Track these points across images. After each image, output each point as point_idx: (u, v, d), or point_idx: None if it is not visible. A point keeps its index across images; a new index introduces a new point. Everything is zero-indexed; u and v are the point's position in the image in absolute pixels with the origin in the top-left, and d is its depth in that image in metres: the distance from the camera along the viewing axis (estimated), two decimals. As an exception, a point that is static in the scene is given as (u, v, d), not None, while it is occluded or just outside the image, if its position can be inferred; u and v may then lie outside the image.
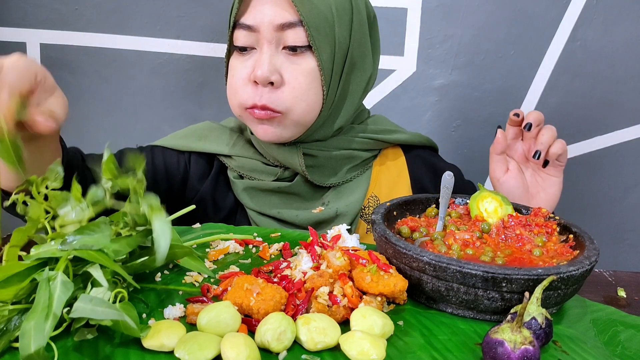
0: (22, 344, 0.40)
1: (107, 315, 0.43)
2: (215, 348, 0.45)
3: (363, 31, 0.84)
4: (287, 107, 0.79)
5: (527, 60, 1.34)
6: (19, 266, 0.46)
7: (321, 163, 0.88)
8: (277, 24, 0.77)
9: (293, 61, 0.79)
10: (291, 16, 0.77)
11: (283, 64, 0.79)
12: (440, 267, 0.53)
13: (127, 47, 1.34)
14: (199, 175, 0.91)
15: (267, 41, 0.78)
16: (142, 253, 0.55)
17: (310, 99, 0.81)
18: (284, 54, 0.79)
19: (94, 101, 1.38)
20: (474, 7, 1.31)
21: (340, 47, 0.81)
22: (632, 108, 1.37)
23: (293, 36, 0.77)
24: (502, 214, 0.69)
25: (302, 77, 0.79)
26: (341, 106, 0.86)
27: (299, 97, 0.79)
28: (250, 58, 0.80)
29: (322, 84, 0.81)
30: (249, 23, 0.78)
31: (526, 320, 0.49)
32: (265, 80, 0.77)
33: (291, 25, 0.77)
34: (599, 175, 1.42)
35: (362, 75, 0.87)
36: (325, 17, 0.78)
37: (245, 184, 0.88)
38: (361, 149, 0.91)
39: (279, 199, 0.88)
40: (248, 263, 0.65)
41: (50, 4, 1.30)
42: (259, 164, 0.89)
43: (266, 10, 0.77)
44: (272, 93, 0.79)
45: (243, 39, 0.79)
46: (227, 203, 0.91)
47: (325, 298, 0.53)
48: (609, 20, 1.30)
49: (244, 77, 0.80)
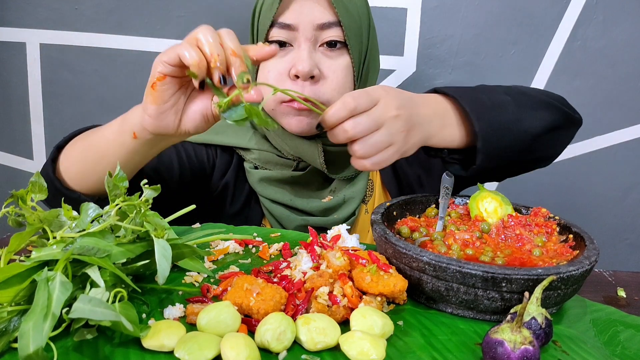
0: (21, 345, 0.40)
1: (105, 316, 0.43)
2: (215, 348, 0.45)
3: (373, 35, 0.92)
4: (326, 99, 0.85)
5: (527, 60, 1.34)
6: (18, 268, 0.46)
7: (336, 158, 0.93)
8: (318, 23, 0.83)
9: (330, 57, 0.86)
10: (330, 16, 0.83)
11: (321, 60, 0.85)
12: (440, 267, 0.53)
13: (127, 47, 1.33)
14: (223, 168, 0.96)
15: (307, 39, 0.83)
16: (142, 256, 0.55)
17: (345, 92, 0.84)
18: (321, 51, 0.85)
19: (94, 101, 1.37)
20: (474, 7, 1.31)
21: (364, 47, 0.89)
22: (632, 108, 1.37)
23: (330, 34, 0.84)
24: (501, 214, 0.69)
25: (339, 72, 0.86)
26: None
27: (337, 89, 0.86)
28: (286, 54, 0.85)
29: (353, 80, 0.88)
30: (290, 22, 0.83)
31: (526, 320, 0.49)
32: (307, 74, 0.82)
33: (330, 25, 0.83)
34: (599, 175, 1.42)
35: (374, 75, 0.94)
36: (355, 19, 0.86)
37: (261, 174, 0.93)
38: None
39: (291, 188, 0.94)
40: (248, 263, 0.65)
41: (50, 4, 1.30)
42: (274, 156, 0.93)
43: (306, 10, 0.83)
44: (312, 86, 0.84)
45: (281, 37, 0.84)
46: (244, 193, 0.96)
47: (325, 298, 0.52)
48: (609, 20, 1.30)
49: (283, 73, 0.84)
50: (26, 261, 0.48)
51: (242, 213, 0.96)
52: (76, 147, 0.76)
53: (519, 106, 0.77)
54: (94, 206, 0.55)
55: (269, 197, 0.93)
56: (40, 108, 1.38)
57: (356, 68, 0.88)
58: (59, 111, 1.38)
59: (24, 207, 0.54)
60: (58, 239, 0.52)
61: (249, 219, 0.95)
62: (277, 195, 0.92)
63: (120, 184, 0.57)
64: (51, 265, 0.48)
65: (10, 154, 1.41)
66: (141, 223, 0.55)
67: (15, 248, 0.51)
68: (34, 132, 1.39)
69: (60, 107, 1.37)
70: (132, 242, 0.55)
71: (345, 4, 0.84)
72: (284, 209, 0.92)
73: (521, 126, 0.75)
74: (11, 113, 1.39)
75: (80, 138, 0.77)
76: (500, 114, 0.74)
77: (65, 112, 1.38)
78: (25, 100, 1.37)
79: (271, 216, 0.93)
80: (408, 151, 0.69)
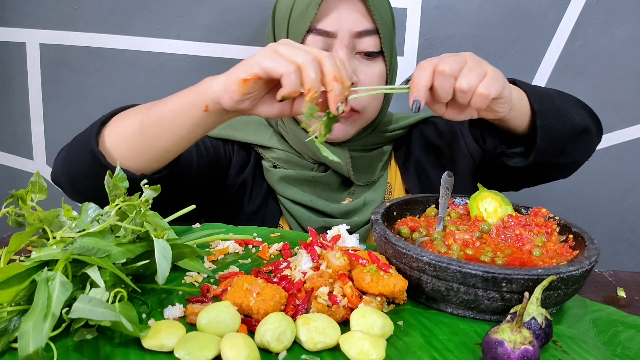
0: (21, 345, 0.40)
1: (105, 316, 0.43)
2: (215, 348, 0.45)
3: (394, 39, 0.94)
4: (363, 106, 0.87)
5: (527, 60, 1.34)
6: (18, 267, 0.46)
7: (361, 163, 0.94)
8: (356, 31, 0.83)
9: (367, 64, 0.86)
10: (368, 24, 0.84)
11: (358, 67, 0.85)
12: (440, 267, 0.53)
13: (127, 47, 1.33)
14: (239, 165, 0.95)
15: (344, 46, 0.83)
16: (142, 256, 0.55)
17: (379, 100, 0.91)
18: (358, 58, 0.86)
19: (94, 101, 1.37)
20: (474, 7, 1.31)
21: (394, 53, 0.91)
22: (632, 108, 1.37)
23: (368, 42, 0.84)
24: (501, 214, 0.69)
25: (376, 79, 0.87)
26: (386, 105, 0.95)
27: (373, 97, 0.88)
28: None
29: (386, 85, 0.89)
30: (328, 29, 0.83)
31: (526, 320, 0.49)
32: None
33: (368, 33, 0.84)
34: (599, 175, 1.42)
35: (394, 78, 0.95)
36: (388, 27, 0.87)
37: (281, 173, 0.93)
38: (385, 143, 0.98)
39: (310, 189, 0.93)
40: (248, 263, 0.65)
41: (50, 4, 1.30)
42: (294, 157, 0.94)
43: (346, 17, 0.82)
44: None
45: (318, 44, 0.84)
46: (261, 192, 0.95)
47: (325, 298, 0.52)
48: (609, 20, 1.30)
49: None
50: (26, 261, 0.48)
51: (259, 212, 0.95)
52: (130, 122, 0.72)
53: (563, 100, 0.79)
54: (94, 206, 0.55)
55: (289, 197, 0.92)
56: (40, 108, 1.38)
57: (389, 74, 0.89)
58: (59, 111, 1.38)
59: (24, 207, 0.54)
60: (58, 239, 0.52)
61: (266, 218, 0.94)
62: (297, 195, 0.92)
63: (120, 184, 0.57)
64: (51, 265, 0.48)
65: (10, 154, 1.41)
66: (141, 223, 0.55)
67: (15, 248, 0.51)
68: (34, 132, 1.39)
69: (60, 107, 1.37)
70: (132, 242, 0.55)
71: (380, 12, 0.85)
72: (304, 209, 0.92)
73: (568, 117, 0.76)
74: (11, 113, 1.39)
75: (131, 114, 0.73)
76: (552, 101, 0.75)
77: (66, 112, 1.38)
78: (25, 100, 1.37)
79: (291, 216, 0.92)
80: (504, 89, 0.65)
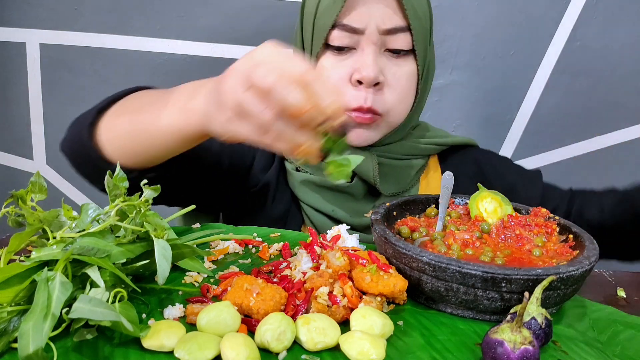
0: (21, 345, 0.40)
1: (105, 316, 0.43)
2: (215, 348, 0.45)
3: (432, 37, 0.87)
4: (387, 109, 0.80)
5: (527, 60, 1.34)
6: (18, 268, 0.46)
7: (389, 172, 0.87)
8: (386, 28, 0.77)
9: (395, 63, 0.80)
10: (399, 21, 0.77)
11: (386, 66, 0.79)
12: (440, 267, 0.53)
13: (127, 47, 1.33)
14: (262, 165, 0.91)
15: (373, 43, 0.77)
16: (142, 256, 0.55)
17: (407, 102, 0.83)
18: (386, 56, 0.80)
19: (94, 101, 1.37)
20: (474, 7, 1.31)
21: (428, 52, 0.84)
22: (632, 108, 1.37)
23: (398, 40, 0.78)
24: (501, 214, 0.69)
25: (404, 80, 0.81)
26: (417, 108, 0.88)
27: (400, 99, 0.81)
28: (348, 58, 0.80)
29: (416, 87, 0.83)
30: (355, 25, 0.77)
31: (526, 320, 0.49)
32: (372, 81, 0.77)
33: (398, 30, 0.78)
34: (599, 175, 1.42)
35: (431, 79, 0.89)
36: (423, 23, 0.80)
37: (303, 177, 0.87)
38: (419, 155, 0.91)
39: (333, 196, 0.87)
40: (248, 263, 0.65)
41: (50, 4, 1.30)
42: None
43: (374, 12, 0.77)
44: (375, 94, 0.79)
45: (344, 40, 0.78)
46: (285, 197, 0.90)
47: (325, 298, 0.52)
48: (609, 20, 1.30)
49: (344, 77, 0.79)
50: (26, 261, 0.48)
51: (282, 219, 0.89)
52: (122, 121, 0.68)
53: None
54: (94, 206, 0.55)
55: (310, 204, 0.87)
56: (40, 108, 1.38)
57: (421, 75, 0.83)
58: (59, 111, 1.38)
59: (24, 207, 0.54)
60: (58, 239, 0.52)
61: (288, 224, 0.89)
62: (319, 203, 0.86)
63: (120, 184, 0.57)
64: (51, 265, 0.48)
65: (10, 154, 1.41)
66: (141, 223, 0.55)
67: (15, 248, 0.51)
68: (34, 132, 1.39)
69: (60, 107, 1.37)
70: (132, 242, 0.55)
71: (415, 7, 0.78)
72: (326, 218, 0.87)
73: None
74: (11, 113, 1.39)
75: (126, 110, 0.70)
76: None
77: (65, 112, 1.37)
78: (25, 100, 1.37)
79: (312, 224, 0.88)
80: None
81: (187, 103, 0.61)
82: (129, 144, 0.67)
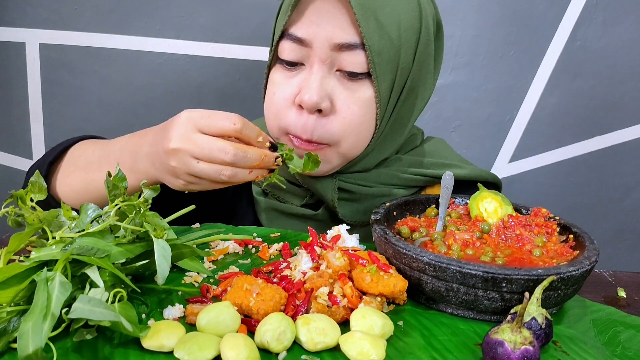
0: (21, 345, 0.40)
1: (105, 316, 0.43)
2: (214, 348, 0.45)
3: (428, 52, 0.73)
4: (334, 139, 0.69)
5: (527, 60, 1.34)
6: (18, 268, 0.46)
7: (356, 198, 0.77)
8: (335, 43, 0.65)
9: (347, 87, 0.68)
10: (353, 36, 0.65)
11: (335, 89, 0.68)
12: (440, 268, 0.53)
13: (127, 47, 1.33)
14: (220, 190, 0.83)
15: (320, 60, 0.67)
16: (142, 256, 0.55)
17: (361, 133, 0.71)
18: (338, 77, 0.68)
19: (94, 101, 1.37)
20: (474, 8, 1.31)
21: (402, 74, 0.70)
22: (632, 108, 1.37)
23: (351, 60, 0.66)
24: (502, 214, 0.69)
25: (356, 107, 0.68)
26: (389, 136, 0.76)
27: (350, 129, 0.69)
28: (297, 75, 0.70)
29: (376, 116, 0.70)
30: (301, 36, 0.66)
31: (526, 321, 0.49)
32: (313, 107, 0.67)
33: (351, 47, 0.65)
34: (599, 175, 1.42)
35: (419, 102, 0.76)
36: (391, 39, 0.66)
37: (268, 204, 0.79)
38: (402, 186, 0.79)
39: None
40: (248, 263, 0.65)
41: (49, 4, 1.30)
42: (286, 183, 0.78)
43: (324, 23, 0.65)
44: (319, 121, 0.68)
45: (291, 53, 0.68)
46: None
47: (325, 298, 0.52)
48: (609, 20, 1.30)
49: (288, 98, 0.69)
50: (25, 261, 0.48)
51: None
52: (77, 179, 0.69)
53: None
54: (94, 206, 0.55)
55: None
56: (39, 108, 1.38)
57: (383, 101, 0.69)
58: (59, 111, 1.38)
59: (24, 207, 0.54)
60: (57, 239, 0.52)
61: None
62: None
63: (120, 184, 0.56)
64: (50, 265, 0.48)
65: (10, 154, 1.41)
66: (140, 223, 0.55)
67: (14, 248, 0.51)
68: (34, 132, 1.39)
69: (59, 107, 1.37)
70: (131, 242, 0.55)
71: (378, 19, 0.65)
72: None
73: None
74: (11, 113, 1.39)
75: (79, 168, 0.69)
76: None
77: (65, 112, 1.38)
78: (24, 101, 1.37)
79: None
80: None
81: (134, 165, 0.63)
82: (87, 197, 0.69)
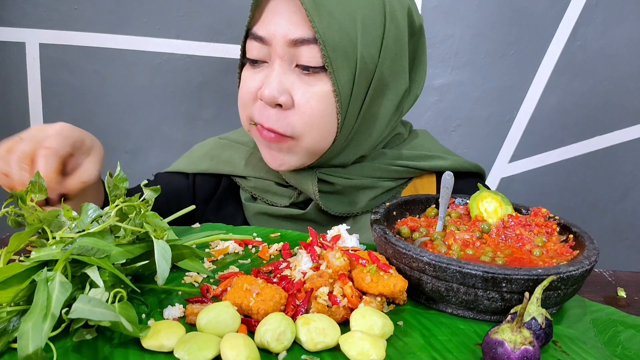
0: (21, 345, 0.40)
1: (105, 316, 0.43)
2: (214, 348, 0.45)
3: (399, 47, 0.74)
4: (297, 133, 0.71)
5: (527, 60, 1.34)
6: (18, 268, 0.46)
7: (338, 190, 0.79)
8: (290, 39, 0.68)
9: (306, 81, 0.70)
10: (306, 31, 0.67)
11: (294, 84, 0.70)
12: (440, 268, 0.53)
13: (127, 47, 1.33)
14: (204, 197, 0.87)
15: (279, 57, 0.69)
16: (142, 257, 0.55)
17: (323, 127, 0.72)
18: (297, 73, 0.70)
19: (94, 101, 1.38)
20: (474, 7, 1.31)
21: (364, 68, 0.71)
22: (632, 108, 1.37)
23: (307, 54, 0.68)
24: (502, 214, 0.69)
25: (315, 102, 0.70)
26: (365, 131, 0.77)
27: (310, 123, 0.71)
28: (261, 72, 0.73)
29: (337, 110, 0.71)
30: (261, 34, 0.70)
31: (526, 321, 0.49)
32: (272, 101, 0.70)
33: (305, 42, 0.67)
34: (599, 175, 1.42)
35: (393, 97, 0.76)
36: (347, 33, 0.68)
37: (257, 209, 0.82)
38: (388, 178, 0.82)
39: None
40: (247, 263, 0.65)
41: (49, 4, 1.30)
42: (273, 184, 0.82)
43: (279, 21, 0.68)
44: (280, 115, 0.71)
45: (255, 51, 0.71)
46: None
47: (325, 298, 0.52)
48: (609, 20, 1.30)
49: (252, 92, 0.73)
50: (26, 261, 0.48)
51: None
52: None
53: None
54: (94, 207, 0.55)
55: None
56: (39, 108, 1.38)
57: (343, 96, 0.70)
58: (59, 111, 1.38)
59: (24, 207, 0.54)
60: (57, 239, 0.52)
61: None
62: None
63: (120, 184, 0.57)
64: (50, 265, 0.48)
65: (10, 154, 1.41)
66: (141, 224, 0.55)
67: (14, 248, 0.51)
68: (34, 132, 1.39)
69: (59, 107, 1.38)
70: (131, 242, 0.55)
71: (331, 12, 0.66)
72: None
73: None
74: (11, 113, 1.39)
75: None
76: None
77: (65, 112, 1.38)
78: (25, 100, 1.37)
79: None
80: None
81: None
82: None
